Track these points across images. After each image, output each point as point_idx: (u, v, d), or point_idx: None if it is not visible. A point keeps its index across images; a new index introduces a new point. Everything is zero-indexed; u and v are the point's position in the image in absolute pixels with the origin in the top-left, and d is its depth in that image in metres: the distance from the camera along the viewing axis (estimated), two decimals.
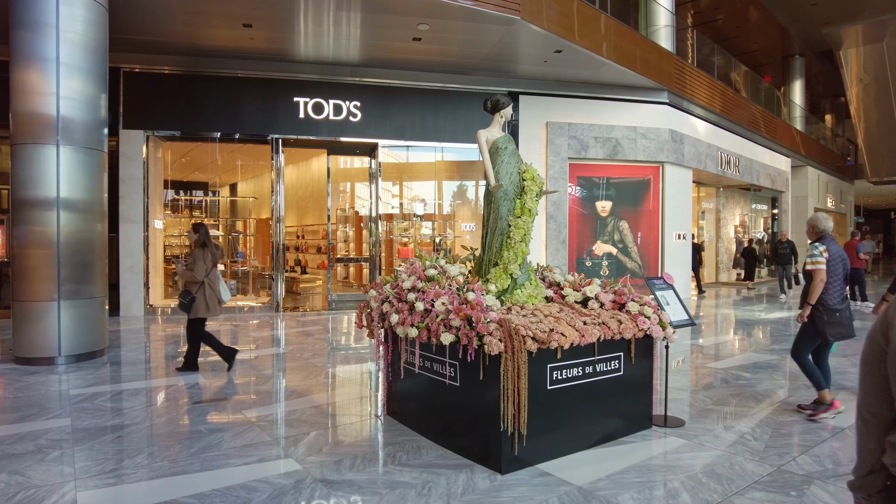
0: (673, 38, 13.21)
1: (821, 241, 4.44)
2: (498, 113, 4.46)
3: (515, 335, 3.32)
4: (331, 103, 10.64)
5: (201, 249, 5.65)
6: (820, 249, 4.34)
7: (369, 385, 5.49)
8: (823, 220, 4.61)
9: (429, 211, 12.65)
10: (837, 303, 4.32)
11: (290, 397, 5.02)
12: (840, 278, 4.39)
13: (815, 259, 4.31)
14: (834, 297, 4.33)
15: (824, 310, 4.28)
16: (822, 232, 4.53)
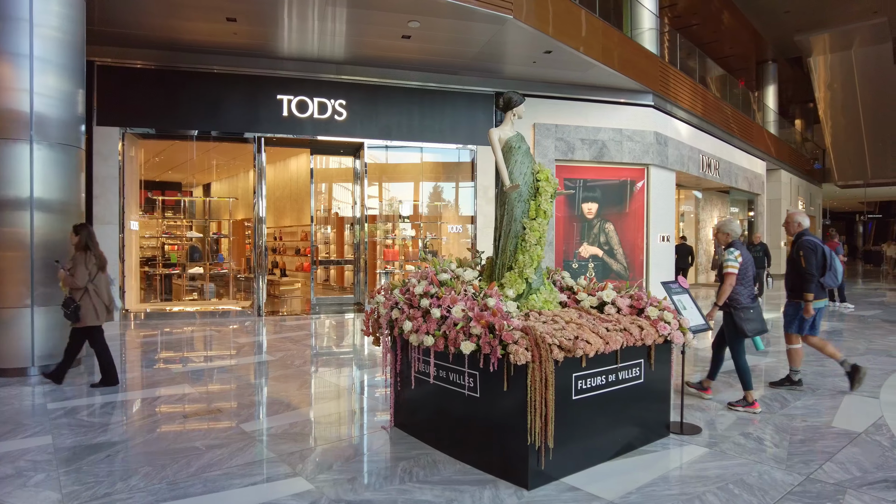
0: (657, 41, 13.29)
1: (734, 247, 4.70)
2: (511, 111, 4.31)
3: (542, 343, 3.15)
4: (315, 101, 10.35)
5: (83, 253, 5.25)
6: (735, 254, 4.61)
7: (368, 394, 5.26)
8: (736, 226, 4.91)
9: (415, 212, 12.43)
10: (749, 302, 4.67)
11: (287, 409, 4.76)
12: (750, 280, 4.73)
13: (730, 263, 4.57)
14: (745, 297, 4.66)
15: (740, 309, 4.62)
16: (735, 237, 4.80)
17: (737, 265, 4.58)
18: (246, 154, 11.14)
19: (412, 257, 12.00)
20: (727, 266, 4.58)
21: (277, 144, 10.80)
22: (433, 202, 12.55)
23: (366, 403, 4.93)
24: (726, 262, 4.59)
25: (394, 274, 12.02)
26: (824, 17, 18.75)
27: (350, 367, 6.39)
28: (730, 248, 4.69)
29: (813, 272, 4.95)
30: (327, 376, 5.96)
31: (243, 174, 14.33)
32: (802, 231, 5.17)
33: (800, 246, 5.05)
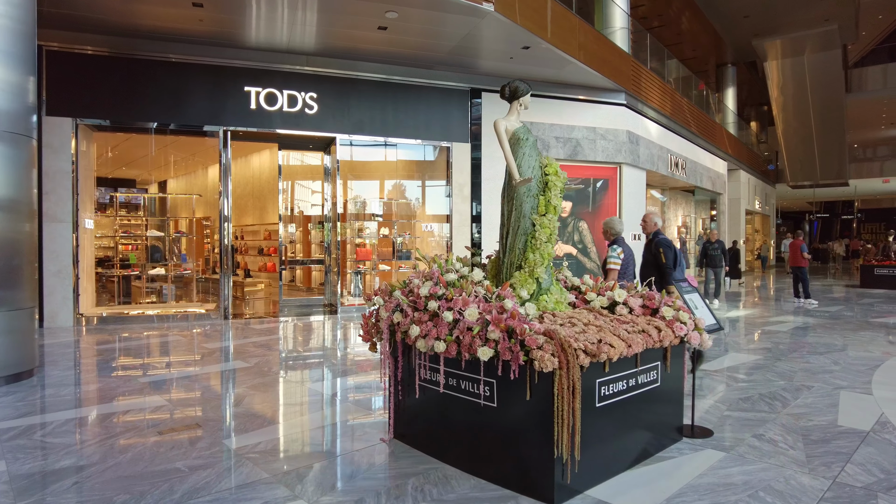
0: (628, 40, 13.36)
1: (617, 244, 4.90)
2: (517, 101, 4.07)
3: (569, 348, 2.93)
4: (285, 94, 9.89)
5: None
6: (618, 251, 4.78)
7: (356, 402, 4.93)
8: (618, 223, 5.05)
9: (387, 210, 12.09)
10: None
11: (272, 421, 4.40)
12: (630, 276, 4.95)
13: (613, 260, 4.73)
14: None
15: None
16: (617, 234, 4.96)
17: (619, 261, 4.72)
18: (208, 149, 10.57)
19: (385, 257, 11.66)
20: (610, 262, 4.70)
21: (244, 139, 10.28)
22: (407, 200, 12.23)
23: (357, 413, 4.61)
24: (609, 259, 4.72)
25: (365, 274, 11.66)
26: (780, 22, 19.37)
27: (331, 373, 6.03)
28: (613, 244, 4.80)
29: (672, 267, 5.32)
30: (308, 383, 5.59)
31: (202, 170, 13.64)
32: (658, 230, 5.59)
33: (658, 244, 5.37)
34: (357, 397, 5.06)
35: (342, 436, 4.07)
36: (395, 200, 12.26)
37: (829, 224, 42.04)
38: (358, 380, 5.68)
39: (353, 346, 7.61)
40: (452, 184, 11.32)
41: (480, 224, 11.46)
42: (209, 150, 10.33)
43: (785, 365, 6.20)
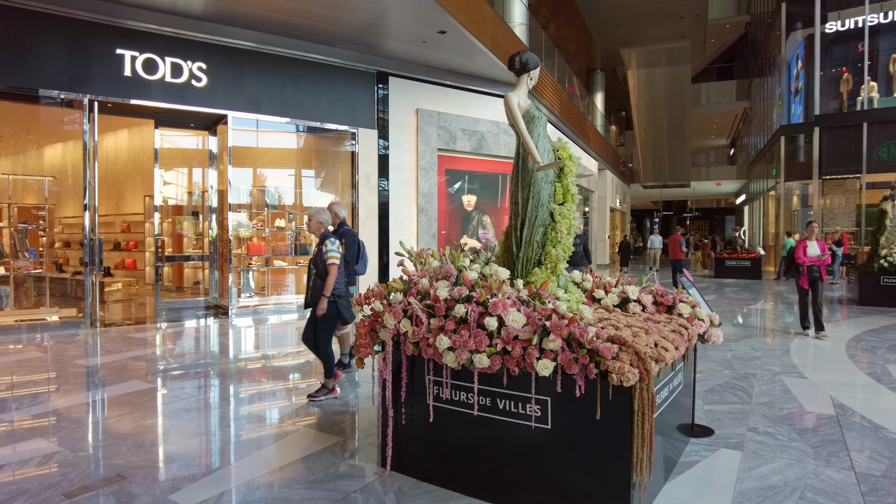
0: (528, 36, 13.52)
1: (335, 236, 4.72)
2: (526, 73, 3.60)
3: (645, 357, 2.55)
4: (168, 62, 8.39)
5: None
6: (336, 244, 4.60)
7: (317, 427, 4.13)
8: (327, 215, 4.78)
9: (285, 201, 10.95)
10: (346, 290, 4.81)
11: (221, 461, 3.48)
12: (343, 269, 4.79)
13: (332, 254, 4.54)
14: (343, 285, 4.75)
15: (343, 297, 4.70)
16: (328, 227, 4.77)
17: (339, 255, 4.57)
18: (71, 120, 8.63)
19: (281, 251, 10.53)
20: (329, 257, 4.51)
21: (115, 111, 8.55)
22: (306, 189, 11.18)
23: (323, 440, 3.83)
24: (328, 254, 4.51)
25: (258, 271, 10.44)
26: (644, 35, 21.13)
27: (268, 391, 5.09)
28: (327, 238, 4.60)
29: (351, 260, 5.30)
30: (244, 405, 4.64)
31: (50, 147, 11.26)
32: (342, 221, 5.48)
33: (343, 234, 5.29)
34: (314, 420, 4.26)
35: (324, 473, 3.31)
36: (292, 189, 11.15)
37: (667, 220, 47.45)
38: (295, 394, 4.83)
39: (274, 353, 6.62)
40: (358, 172, 10.52)
41: (388, 217, 10.82)
42: (62, 122, 8.43)
43: (714, 353, 6.50)
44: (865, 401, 4.72)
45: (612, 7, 18.63)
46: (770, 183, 21.91)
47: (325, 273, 4.55)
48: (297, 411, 4.43)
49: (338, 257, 4.56)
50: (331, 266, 4.53)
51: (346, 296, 4.78)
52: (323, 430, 4.01)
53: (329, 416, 4.32)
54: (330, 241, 4.59)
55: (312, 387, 5.06)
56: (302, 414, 4.36)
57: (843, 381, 5.36)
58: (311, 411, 4.42)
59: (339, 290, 4.65)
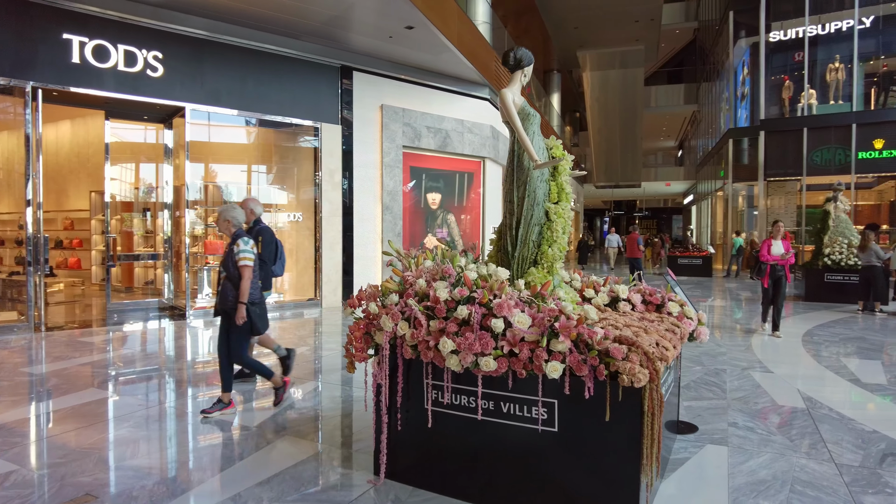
0: (491, 35, 13.54)
1: (244, 236, 4.24)
2: (520, 70, 3.55)
3: (654, 357, 2.55)
4: (121, 49, 7.91)
5: None
6: (250, 244, 4.18)
7: (292, 434, 3.96)
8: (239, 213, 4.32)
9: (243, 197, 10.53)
10: (260, 297, 4.35)
11: (203, 475, 3.28)
12: (257, 273, 4.35)
13: (246, 255, 4.11)
14: (257, 290, 4.31)
15: (257, 304, 4.26)
16: (240, 225, 4.31)
17: (253, 256, 4.15)
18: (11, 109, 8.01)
19: None
20: (242, 258, 4.09)
21: (62, 100, 8.00)
22: (268, 186, 10.82)
23: (306, 448, 3.67)
24: (241, 254, 4.09)
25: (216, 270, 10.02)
26: (601, 38, 21.59)
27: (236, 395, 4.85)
28: (240, 237, 4.19)
29: (269, 260, 4.96)
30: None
31: None
32: (258, 219, 5.13)
33: (259, 233, 4.97)
34: (294, 428, 4.07)
35: (315, 484, 3.16)
36: (253, 186, 10.77)
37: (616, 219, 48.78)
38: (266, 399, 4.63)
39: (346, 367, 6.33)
40: (322, 169, 10.26)
41: (352, 215, 10.60)
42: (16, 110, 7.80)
43: (683, 349, 6.66)
44: (830, 393, 4.93)
45: (570, 9, 18.95)
46: (718, 184, 22.83)
47: (238, 276, 4.11)
48: (274, 417, 4.24)
49: (252, 258, 4.12)
50: (244, 269, 4.09)
51: (261, 302, 4.35)
52: (305, 437, 3.84)
53: (309, 422, 4.15)
54: (242, 240, 4.16)
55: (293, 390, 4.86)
56: (280, 420, 4.17)
57: (806, 374, 5.60)
58: (289, 417, 4.23)
59: (253, 296, 4.20)
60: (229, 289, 4.14)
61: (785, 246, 6.83)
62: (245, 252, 4.11)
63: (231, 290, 4.13)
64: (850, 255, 10.88)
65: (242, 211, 4.38)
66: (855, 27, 17.87)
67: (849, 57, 18.06)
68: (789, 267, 6.97)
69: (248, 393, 4.91)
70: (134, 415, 4.26)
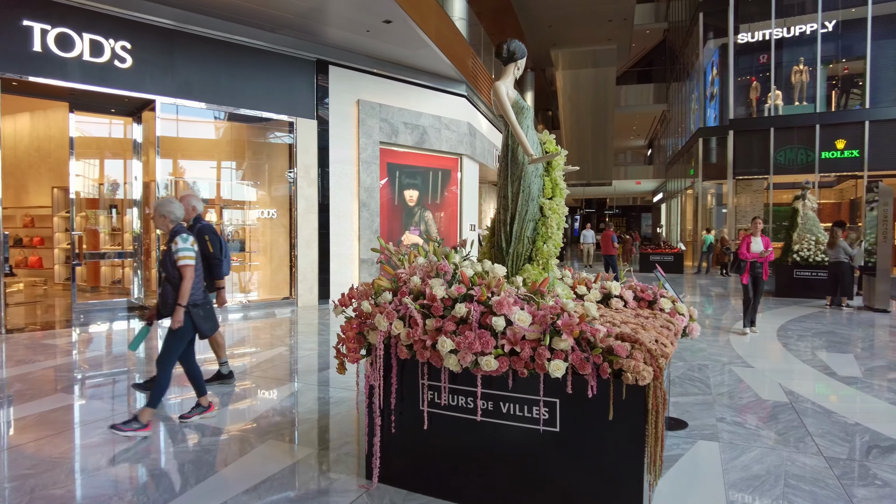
0: (467, 31, 13.47)
1: (183, 232, 3.90)
2: (513, 63, 3.48)
3: (657, 354, 2.51)
4: (86, 38, 7.57)
5: None
6: (190, 241, 3.85)
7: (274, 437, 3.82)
8: (177, 208, 3.99)
9: (214, 194, 10.26)
10: (203, 297, 4.04)
11: (186, 483, 3.12)
12: (202, 272, 4.06)
13: (186, 254, 3.79)
14: (199, 290, 4.00)
15: (199, 306, 3.96)
16: (178, 221, 3.97)
17: (193, 254, 3.82)
18: None
19: None
20: (181, 257, 3.76)
21: (22, 91, 7.60)
22: (240, 182, 10.53)
23: (292, 453, 3.54)
24: (179, 253, 3.77)
25: None
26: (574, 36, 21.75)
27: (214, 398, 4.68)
28: (178, 234, 3.85)
29: (220, 257, 4.71)
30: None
31: None
32: (198, 215, 4.82)
33: (203, 230, 4.68)
34: (277, 431, 3.93)
35: (305, 489, 3.04)
36: (224, 182, 10.48)
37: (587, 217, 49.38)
38: (253, 403, 4.48)
39: (213, 357, 6.12)
40: (297, 165, 10.04)
41: (328, 212, 10.41)
42: None
43: None
44: (809, 387, 5.02)
45: (545, 7, 19.03)
46: (687, 182, 23.27)
47: (178, 277, 3.79)
48: (256, 420, 4.08)
49: (192, 257, 3.80)
50: (184, 269, 3.77)
51: (204, 303, 4.02)
52: (290, 441, 3.71)
53: (292, 425, 4.02)
54: (181, 237, 3.82)
55: (272, 392, 4.71)
56: (262, 424, 4.02)
57: (785, 369, 5.70)
58: (271, 421, 4.09)
59: (196, 297, 3.90)
60: (169, 291, 3.82)
61: (765, 242, 6.90)
62: (184, 250, 3.79)
63: (171, 293, 3.81)
64: (818, 252, 11.18)
65: (181, 205, 4.04)
66: (818, 31, 18.42)
67: (812, 60, 18.61)
68: (768, 264, 7.06)
69: (226, 396, 4.74)
70: (106, 421, 4.05)
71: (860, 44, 18.04)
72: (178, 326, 3.78)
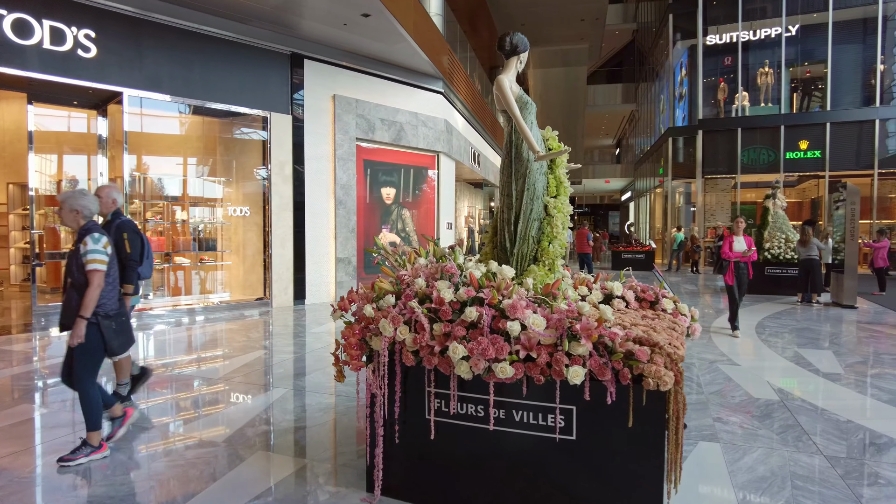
0: (444, 27, 13.33)
1: (95, 231, 3.37)
2: (516, 56, 3.37)
3: (676, 359, 2.44)
4: (46, 25, 7.13)
5: None
6: (103, 242, 3.35)
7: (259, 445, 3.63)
8: (91, 201, 3.46)
9: (185, 191, 9.86)
10: (119, 306, 3.48)
11: (176, 500, 2.91)
12: (116, 278, 3.50)
13: (97, 256, 3.27)
14: (112, 301, 3.43)
15: (113, 317, 3.40)
16: (90, 217, 3.44)
17: (105, 257, 3.30)
18: None
19: (183, 247, 9.48)
20: (90, 260, 3.23)
21: None
22: (212, 179, 10.15)
23: (285, 465, 3.36)
24: (90, 255, 3.24)
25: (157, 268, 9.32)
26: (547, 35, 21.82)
27: (194, 406, 4.44)
28: (89, 233, 3.32)
29: (137, 259, 4.10)
30: (175, 427, 3.98)
31: None
32: (118, 209, 4.24)
33: (122, 227, 4.08)
34: (267, 442, 3.73)
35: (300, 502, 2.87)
36: (196, 179, 10.09)
37: None
38: (236, 411, 4.26)
39: (190, 362, 5.84)
40: (271, 161, 9.73)
41: (304, 210, 10.13)
42: None
43: None
44: (797, 384, 5.07)
45: (519, 6, 19.02)
46: (656, 181, 23.67)
47: (85, 283, 3.24)
48: (242, 430, 3.87)
49: (103, 261, 3.27)
50: (92, 273, 3.22)
51: (118, 315, 3.44)
52: (282, 452, 3.52)
53: (281, 434, 3.82)
54: (92, 237, 3.30)
55: (255, 399, 4.50)
56: (249, 434, 3.82)
57: (770, 366, 5.76)
58: (259, 430, 3.89)
59: (108, 307, 3.36)
60: (75, 298, 3.28)
61: (747, 242, 6.94)
62: (94, 253, 3.26)
63: (76, 300, 3.27)
64: (788, 250, 11.46)
65: (95, 199, 3.50)
66: (783, 34, 18.93)
67: (777, 62, 19.13)
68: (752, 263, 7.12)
69: (206, 403, 4.50)
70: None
71: (821, 48, 18.63)
72: (79, 342, 3.22)
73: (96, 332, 3.31)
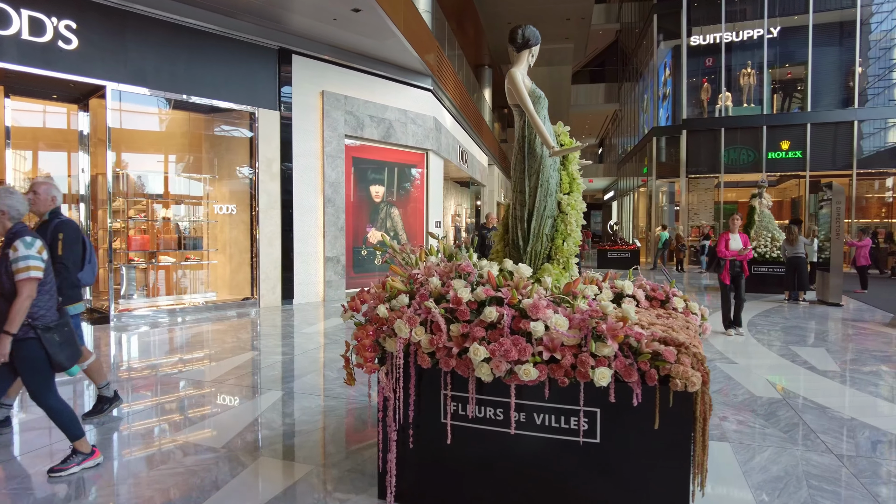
0: (433, 24, 13.22)
1: (26, 235, 3.01)
2: (528, 50, 3.29)
3: (702, 359, 2.38)
4: (24, 15, 6.87)
5: None
6: (37, 247, 3.00)
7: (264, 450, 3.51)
8: (19, 201, 3.12)
9: (169, 188, 9.62)
10: (59, 316, 3.14)
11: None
12: (54, 286, 3.17)
13: (32, 263, 2.93)
14: (52, 309, 3.11)
15: (53, 330, 3.06)
16: (18, 219, 3.12)
17: (39, 264, 2.95)
18: None
19: (168, 245, 9.24)
20: (21, 268, 2.89)
21: None
22: (197, 176, 9.92)
23: (291, 471, 3.24)
24: (19, 263, 2.90)
25: (140, 268, 9.07)
26: None
27: (187, 410, 4.28)
28: (19, 237, 2.98)
29: (67, 264, 3.74)
30: (169, 432, 3.83)
31: None
32: (57, 208, 3.87)
33: (59, 228, 3.75)
34: (268, 446, 3.61)
35: None
36: (180, 175, 9.85)
37: None
38: (234, 415, 4.12)
39: (180, 364, 5.66)
40: (258, 158, 9.53)
41: (292, 208, 9.95)
42: None
43: None
44: (796, 382, 5.09)
45: (506, 4, 18.99)
46: (640, 180, 23.86)
47: (14, 293, 2.90)
48: (242, 435, 3.74)
49: (38, 268, 2.93)
50: (24, 283, 2.87)
51: (60, 325, 3.09)
52: (286, 457, 3.40)
53: (283, 439, 3.70)
54: (23, 242, 2.94)
55: (252, 403, 4.36)
56: (249, 438, 3.69)
57: (767, 364, 5.78)
58: (260, 434, 3.76)
59: (47, 319, 3.03)
60: (5, 310, 2.92)
61: (743, 240, 6.92)
62: (28, 259, 2.90)
63: (5, 313, 2.92)
64: (774, 249, 11.60)
65: (22, 198, 3.12)
66: (764, 36, 19.20)
67: (759, 63, 19.39)
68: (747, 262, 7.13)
69: (203, 408, 4.35)
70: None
71: (802, 50, 18.94)
72: (2, 361, 2.88)
73: (38, 347, 2.99)
